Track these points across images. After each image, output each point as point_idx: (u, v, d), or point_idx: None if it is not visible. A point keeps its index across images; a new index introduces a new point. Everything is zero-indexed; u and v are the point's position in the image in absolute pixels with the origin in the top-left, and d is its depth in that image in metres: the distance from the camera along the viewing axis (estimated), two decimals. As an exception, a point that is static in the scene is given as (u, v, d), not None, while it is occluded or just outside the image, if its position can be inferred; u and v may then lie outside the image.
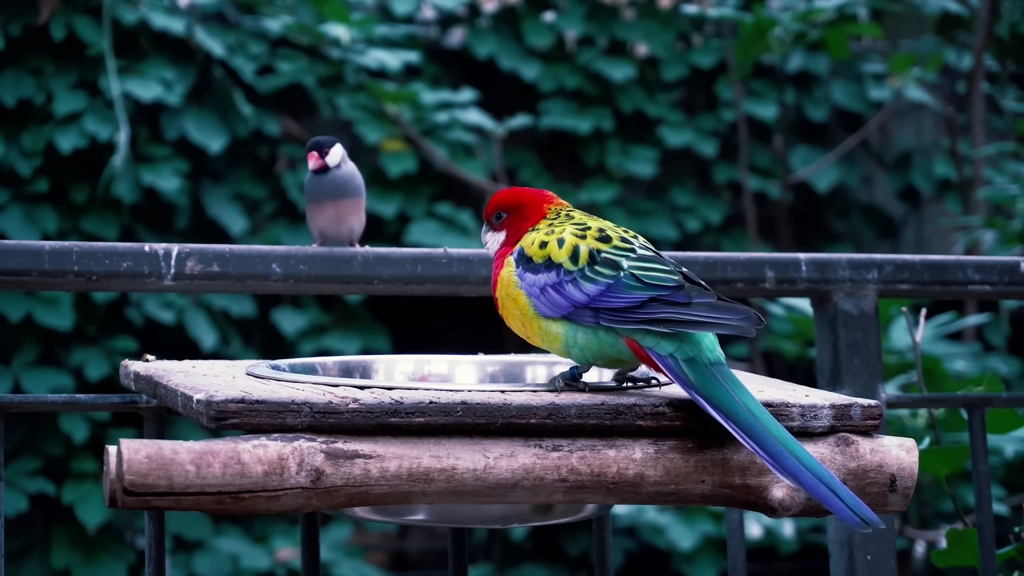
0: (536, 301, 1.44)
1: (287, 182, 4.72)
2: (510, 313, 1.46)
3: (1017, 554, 2.02)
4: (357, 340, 4.65)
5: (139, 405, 1.69)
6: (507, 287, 1.46)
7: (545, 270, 1.44)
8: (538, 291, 1.44)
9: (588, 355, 1.42)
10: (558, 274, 1.43)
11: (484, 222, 1.55)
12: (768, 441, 1.32)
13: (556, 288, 1.43)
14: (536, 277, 1.44)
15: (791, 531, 4.37)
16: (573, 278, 1.43)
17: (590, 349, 1.42)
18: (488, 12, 5.24)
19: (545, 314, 1.43)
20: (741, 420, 1.33)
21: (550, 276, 1.44)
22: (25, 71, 4.44)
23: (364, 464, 1.29)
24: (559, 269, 1.44)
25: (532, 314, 1.44)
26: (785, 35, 4.49)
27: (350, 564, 4.43)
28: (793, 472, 1.31)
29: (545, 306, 1.43)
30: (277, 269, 1.87)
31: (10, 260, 1.76)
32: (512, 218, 1.52)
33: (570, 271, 1.43)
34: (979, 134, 4.82)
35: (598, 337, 1.42)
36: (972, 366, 4.13)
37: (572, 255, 1.44)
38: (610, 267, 1.42)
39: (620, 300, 1.40)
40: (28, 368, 4.31)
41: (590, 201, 5.06)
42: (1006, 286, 2.07)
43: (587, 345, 1.42)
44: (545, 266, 1.44)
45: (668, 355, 1.38)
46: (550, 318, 1.43)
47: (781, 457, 1.31)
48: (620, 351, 1.42)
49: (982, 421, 1.97)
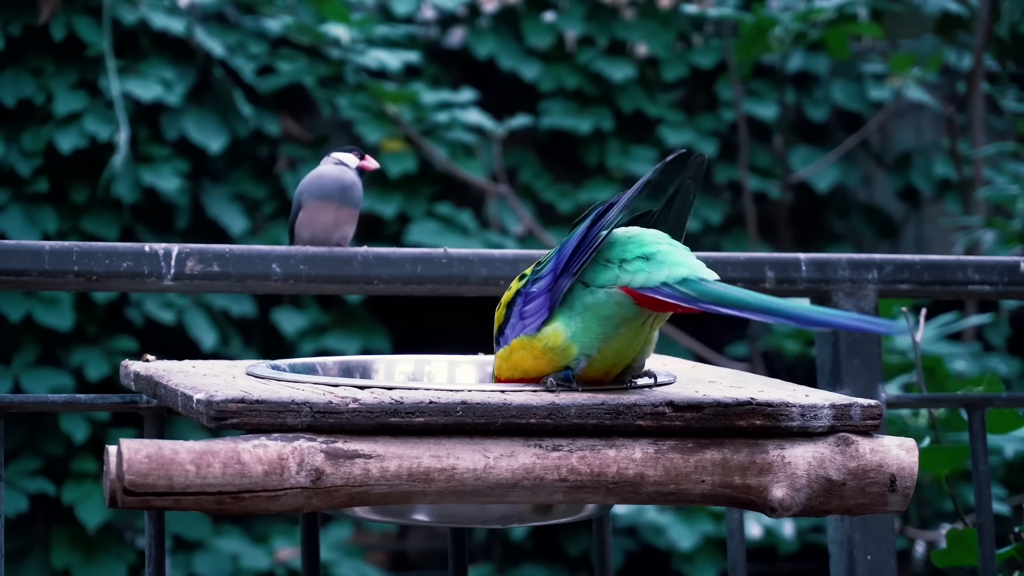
0: (525, 330, 1.44)
1: (287, 182, 4.73)
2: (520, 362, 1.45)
3: (1017, 554, 2.02)
4: (357, 340, 4.65)
5: (139, 405, 1.69)
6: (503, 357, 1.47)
7: (510, 309, 1.47)
8: (520, 324, 1.45)
9: (592, 334, 1.41)
10: (520, 295, 1.46)
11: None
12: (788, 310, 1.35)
13: (526, 302, 1.45)
14: (511, 321, 1.46)
15: (791, 531, 4.37)
16: (530, 281, 1.45)
17: (590, 328, 1.41)
18: (488, 12, 5.24)
19: (536, 326, 1.43)
20: (756, 306, 1.35)
21: (517, 305, 1.46)
22: (25, 71, 4.44)
23: (364, 464, 1.29)
24: (518, 294, 1.46)
25: (528, 339, 1.44)
26: (785, 35, 4.49)
27: (350, 564, 4.43)
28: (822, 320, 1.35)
29: (531, 320, 1.44)
30: (277, 269, 1.87)
31: (10, 260, 1.76)
32: None
33: (524, 283, 1.46)
34: (979, 134, 4.82)
35: (591, 308, 1.41)
36: (972, 366, 4.13)
37: (520, 279, 1.47)
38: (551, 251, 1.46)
39: (572, 244, 1.42)
40: (28, 368, 4.31)
41: (590, 201, 5.06)
42: (1006, 286, 2.07)
43: (586, 325, 1.42)
44: (508, 309, 1.47)
45: (661, 284, 1.39)
46: (541, 326, 1.43)
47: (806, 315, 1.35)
48: (617, 304, 1.40)
49: (982, 421, 1.97)
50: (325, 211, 1.96)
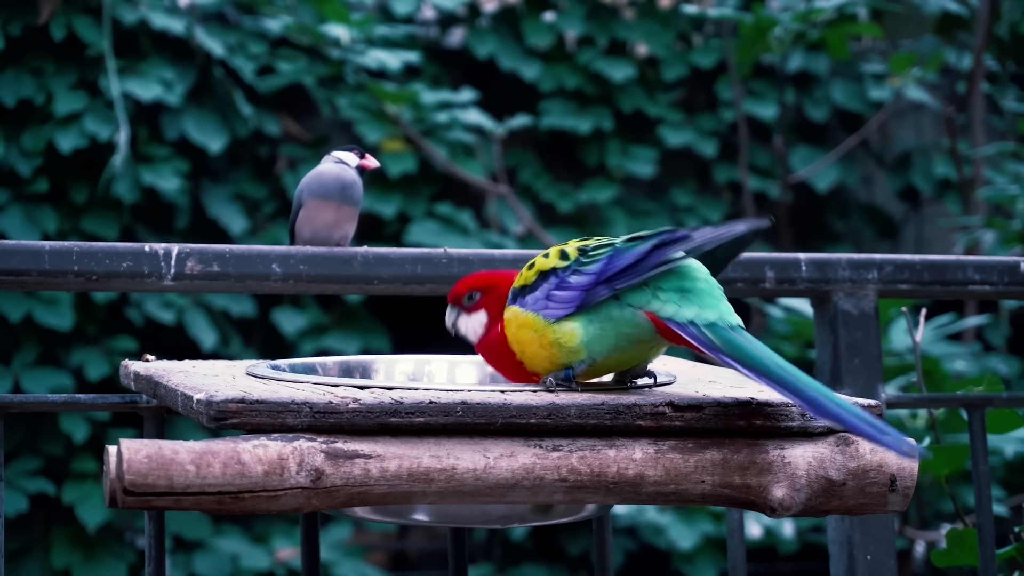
0: (545, 311, 1.42)
1: (287, 182, 4.73)
2: (525, 342, 1.43)
3: (1017, 554, 2.02)
4: (357, 340, 4.65)
5: (139, 405, 1.69)
6: (514, 321, 1.44)
7: (542, 281, 1.44)
8: (543, 301, 1.43)
9: (605, 344, 1.41)
10: (556, 275, 1.43)
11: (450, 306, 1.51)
12: (806, 390, 1.33)
13: (560, 287, 1.42)
14: (536, 292, 1.43)
15: (791, 531, 4.37)
16: (572, 270, 1.42)
17: (607, 336, 1.41)
18: (488, 12, 5.24)
19: (557, 316, 1.42)
20: (773, 374, 1.34)
21: (549, 282, 1.43)
22: (25, 71, 4.44)
23: (364, 464, 1.29)
24: (554, 272, 1.43)
25: (543, 324, 1.42)
26: (785, 35, 4.49)
27: (350, 564, 4.43)
28: (836, 415, 1.32)
29: (556, 308, 1.42)
30: (277, 269, 1.86)
31: (10, 260, 1.76)
32: (488, 297, 1.49)
33: (565, 267, 1.43)
34: (979, 134, 4.82)
35: (613, 320, 1.41)
36: (972, 366, 4.13)
37: (561, 256, 1.44)
38: (604, 247, 1.43)
39: (625, 259, 1.39)
40: (28, 368, 4.31)
41: (590, 201, 5.06)
42: (1006, 286, 2.07)
43: (603, 332, 1.41)
44: (540, 278, 1.44)
45: (688, 322, 1.38)
46: (562, 319, 1.42)
47: (820, 403, 1.32)
48: (637, 325, 1.40)
49: (982, 421, 1.97)
50: (325, 210, 1.96)
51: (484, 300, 1.50)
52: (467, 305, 1.51)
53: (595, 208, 5.09)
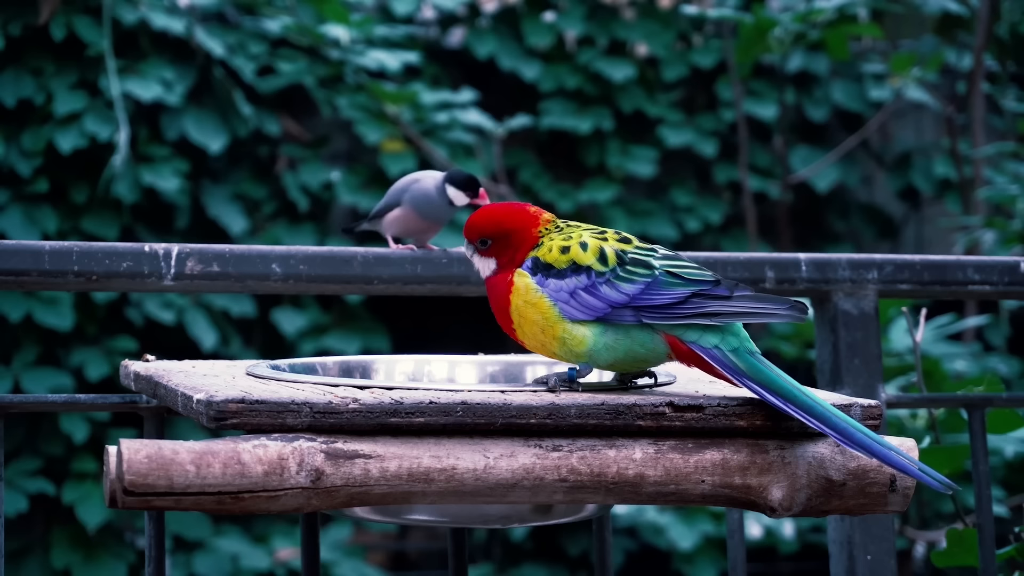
0: (564, 305, 1.42)
1: (287, 182, 4.72)
2: (528, 320, 1.43)
3: (1017, 554, 2.02)
4: (357, 340, 4.65)
5: (139, 405, 1.69)
6: (525, 295, 1.43)
7: (572, 274, 1.43)
8: (566, 295, 1.42)
9: (612, 355, 1.41)
10: (588, 276, 1.42)
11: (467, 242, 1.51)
12: (833, 418, 1.34)
13: (589, 291, 1.42)
14: (562, 282, 1.43)
15: (791, 531, 4.37)
16: (606, 279, 1.42)
17: (617, 350, 1.41)
18: (488, 12, 5.24)
19: (574, 317, 1.42)
20: (800, 402, 1.35)
21: (579, 279, 1.43)
22: (25, 71, 4.44)
23: (364, 464, 1.29)
24: (588, 272, 1.42)
25: (556, 318, 1.42)
26: (785, 35, 4.49)
27: (350, 564, 4.43)
28: (865, 445, 1.33)
29: (576, 309, 1.42)
30: (277, 269, 1.86)
31: (10, 260, 1.76)
32: (499, 246, 1.48)
33: (601, 272, 1.42)
34: (979, 134, 4.82)
35: (630, 336, 1.41)
36: (972, 366, 4.13)
37: (599, 257, 1.43)
38: (642, 266, 1.42)
39: (662, 297, 1.40)
40: (28, 368, 4.31)
41: (590, 201, 5.06)
42: (1006, 286, 2.07)
43: (615, 345, 1.41)
44: (571, 270, 1.43)
45: (714, 347, 1.39)
46: (577, 321, 1.42)
47: (850, 432, 1.33)
48: (652, 348, 1.41)
49: (982, 421, 1.97)
50: (418, 222, 1.99)
51: (494, 248, 1.49)
52: (480, 248, 1.50)
53: (595, 208, 5.09)
